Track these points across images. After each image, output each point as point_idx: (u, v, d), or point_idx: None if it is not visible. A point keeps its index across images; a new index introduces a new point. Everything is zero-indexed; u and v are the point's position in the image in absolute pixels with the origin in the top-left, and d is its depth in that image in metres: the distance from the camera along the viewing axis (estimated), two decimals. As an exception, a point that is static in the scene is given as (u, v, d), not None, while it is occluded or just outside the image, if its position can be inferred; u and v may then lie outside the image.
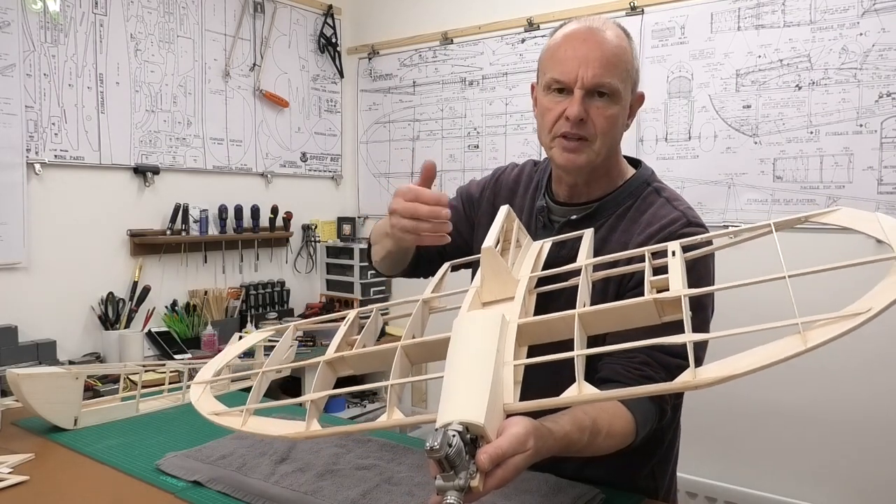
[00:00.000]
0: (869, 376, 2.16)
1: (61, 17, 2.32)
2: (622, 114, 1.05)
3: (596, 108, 1.01)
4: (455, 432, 0.62)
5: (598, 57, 1.00)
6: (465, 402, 0.66)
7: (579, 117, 1.00)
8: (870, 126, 2.14)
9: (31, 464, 1.07)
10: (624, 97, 1.03)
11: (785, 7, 2.28)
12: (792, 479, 2.31)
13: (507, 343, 0.76)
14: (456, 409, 0.66)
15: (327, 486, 0.95)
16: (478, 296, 0.90)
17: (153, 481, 1.00)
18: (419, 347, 0.84)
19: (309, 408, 0.83)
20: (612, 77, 1.00)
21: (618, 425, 0.89)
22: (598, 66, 0.99)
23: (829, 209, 0.84)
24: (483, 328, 0.77)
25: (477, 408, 0.65)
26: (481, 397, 0.67)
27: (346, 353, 0.90)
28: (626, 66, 1.03)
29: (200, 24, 2.79)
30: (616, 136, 1.06)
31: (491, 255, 0.89)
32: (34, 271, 2.29)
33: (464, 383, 0.69)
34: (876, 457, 2.16)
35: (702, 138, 2.45)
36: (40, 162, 2.28)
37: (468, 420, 0.64)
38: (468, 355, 0.74)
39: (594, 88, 1.00)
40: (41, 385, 1.19)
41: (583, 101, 1.00)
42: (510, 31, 2.93)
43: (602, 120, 1.02)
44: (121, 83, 2.51)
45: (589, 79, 1.00)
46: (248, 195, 2.99)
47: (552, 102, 1.04)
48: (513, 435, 0.68)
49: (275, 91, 3.09)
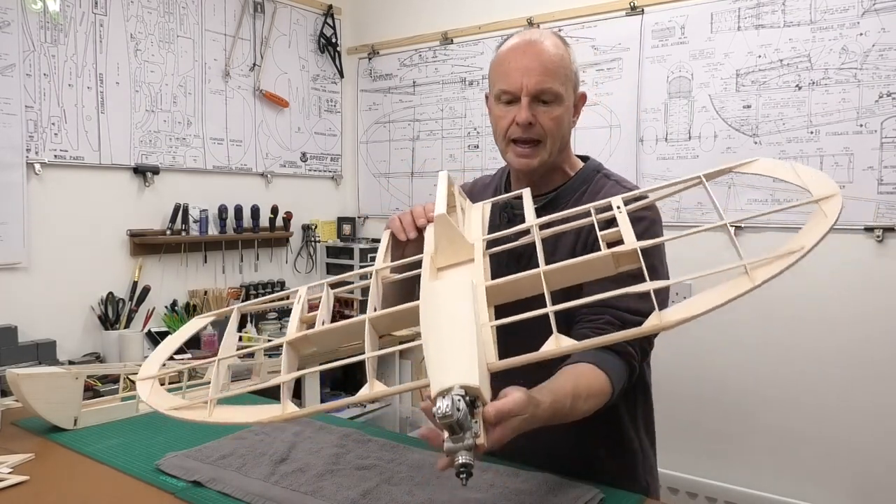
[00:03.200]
0: (869, 375, 2.16)
1: (61, 17, 2.32)
2: (567, 114, 1.15)
3: (542, 111, 1.12)
4: (459, 396, 0.66)
5: (537, 66, 1.11)
6: (459, 366, 0.70)
7: (527, 121, 1.11)
8: (870, 126, 2.14)
9: (31, 464, 1.07)
10: (566, 99, 1.14)
11: (785, 7, 2.28)
12: (790, 479, 2.31)
13: (480, 305, 0.80)
14: (451, 373, 0.69)
15: (327, 486, 0.95)
16: (433, 262, 0.92)
17: (153, 481, 1.00)
18: (386, 318, 0.86)
19: (282, 390, 0.83)
20: (553, 82, 1.11)
21: (595, 385, 0.95)
22: (539, 74, 1.11)
23: (749, 160, 0.95)
24: (456, 293, 0.81)
25: (471, 370, 0.69)
26: (472, 360, 0.70)
27: (310, 331, 0.89)
28: (565, 71, 1.14)
29: (200, 24, 2.79)
30: (564, 134, 1.17)
31: (444, 221, 0.92)
32: (34, 271, 2.29)
33: (451, 348, 0.72)
34: (876, 456, 2.16)
35: (702, 138, 2.44)
36: (40, 162, 2.28)
37: (466, 383, 0.68)
38: (448, 321, 0.76)
39: (538, 95, 1.12)
40: (41, 385, 1.19)
41: (529, 107, 1.11)
42: (510, 31, 2.92)
43: (549, 121, 1.13)
44: (121, 83, 2.51)
45: (532, 86, 1.11)
46: (248, 195, 2.99)
47: (503, 111, 1.15)
48: (516, 398, 0.75)
49: (275, 91, 3.09)
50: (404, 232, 1.08)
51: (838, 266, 2.17)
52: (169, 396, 0.94)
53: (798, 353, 2.28)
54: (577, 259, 0.81)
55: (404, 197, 3.33)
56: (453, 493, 0.92)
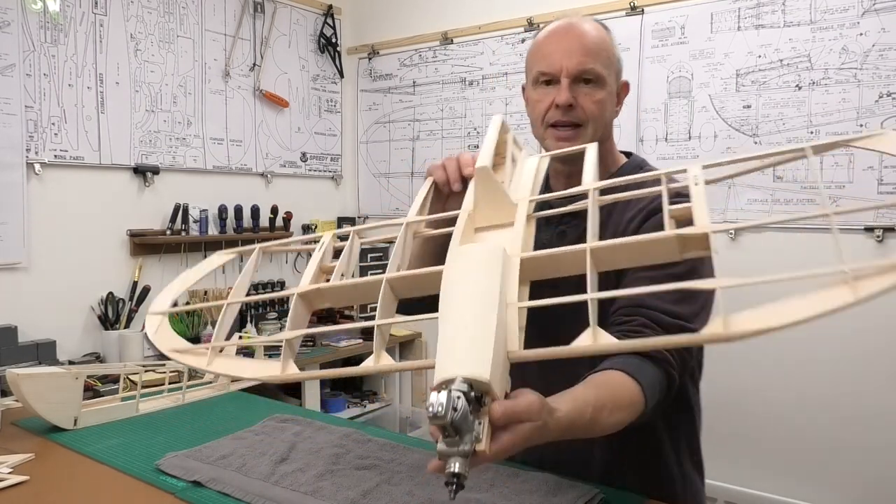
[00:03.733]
0: (869, 372, 2.16)
1: (61, 17, 2.32)
2: (610, 99, 1.08)
3: (584, 94, 1.05)
4: (460, 393, 0.56)
5: (579, 47, 1.04)
6: (468, 354, 0.59)
7: (568, 103, 1.04)
8: (870, 126, 2.14)
9: (31, 464, 1.07)
10: (609, 83, 1.07)
11: (785, 7, 2.28)
12: (791, 479, 2.31)
13: (510, 281, 0.67)
14: (458, 362, 0.59)
15: (327, 486, 0.95)
16: (470, 221, 0.82)
17: (153, 481, 1.00)
18: (407, 281, 0.75)
19: (284, 349, 0.76)
20: (595, 63, 1.05)
21: (623, 396, 0.82)
22: (581, 55, 1.04)
23: (874, 132, 0.73)
24: (483, 264, 0.68)
25: (482, 361, 0.58)
26: (485, 348, 0.59)
27: (323, 285, 0.80)
28: (608, 54, 1.07)
29: (200, 24, 2.79)
30: (607, 120, 1.09)
31: (485, 175, 0.80)
32: (34, 271, 2.29)
33: (464, 330, 0.62)
34: (876, 456, 2.16)
35: (702, 138, 2.44)
36: (40, 162, 2.28)
37: (473, 376, 0.58)
38: (467, 296, 0.65)
39: (579, 75, 1.04)
40: (41, 385, 1.19)
41: (570, 88, 1.04)
42: (510, 31, 2.93)
43: (591, 104, 1.05)
44: (121, 83, 2.51)
45: (573, 66, 1.04)
46: (248, 195, 2.99)
47: (541, 94, 1.08)
48: (530, 399, 0.64)
49: (275, 91, 3.09)
50: (448, 182, 0.96)
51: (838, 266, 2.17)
52: (174, 337, 0.87)
53: (797, 353, 2.28)
54: (633, 238, 0.66)
55: (404, 197, 3.33)
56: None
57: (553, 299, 0.65)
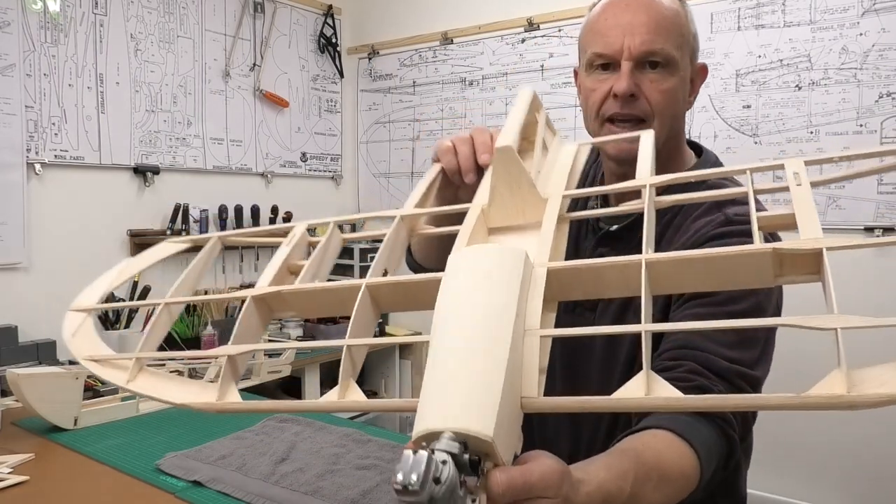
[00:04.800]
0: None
1: (61, 17, 2.32)
2: (682, 87, 0.88)
3: (649, 81, 0.85)
4: (447, 455, 0.39)
5: (645, 22, 0.84)
6: (465, 399, 0.42)
7: (629, 92, 0.84)
8: (870, 126, 2.14)
9: (31, 464, 1.07)
10: (682, 67, 0.87)
11: (785, 7, 2.28)
12: (791, 479, 2.31)
13: (532, 299, 0.50)
14: (448, 409, 0.42)
15: (327, 486, 0.95)
16: (483, 218, 0.63)
17: (153, 481, 1.00)
18: (392, 290, 0.58)
19: (223, 369, 0.58)
20: (665, 43, 0.84)
21: (673, 465, 0.63)
22: (647, 32, 0.84)
23: None
24: (496, 272, 0.50)
25: (484, 410, 0.41)
26: (491, 392, 0.42)
27: (286, 287, 0.63)
28: (681, 31, 0.87)
29: (200, 24, 2.79)
30: (677, 114, 0.89)
31: (508, 158, 0.60)
32: (34, 271, 2.29)
33: (463, 365, 0.44)
34: (876, 456, 2.16)
35: (702, 138, 2.44)
36: (40, 162, 2.28)
37: (469, 431, 0.40)
38: (471, 316, 0.47)
39: (644, 58, 0.85)
40: (41, 385, 1.19)
41: (632, 75, 0.85)
42: (510, 31, 2.93)
43: (658, 95, 0.85)
44: (121, 83, 2.51)
45: (637, 47, 0.84)
46: (248, 195, 2.99)
47: (596, 81, 0.89)
48: (546, 466, 0.47)
49: (275, 91, 3.09)
50: (460, 172, 0.77)
51: (838, 266, 2.16)
52: (96, 342, 0.70)
53: (797, 353, 2.28)
54: (710, 250, 0.49)
55: (404, 197, 3.32)
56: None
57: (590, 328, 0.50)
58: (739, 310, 0.70)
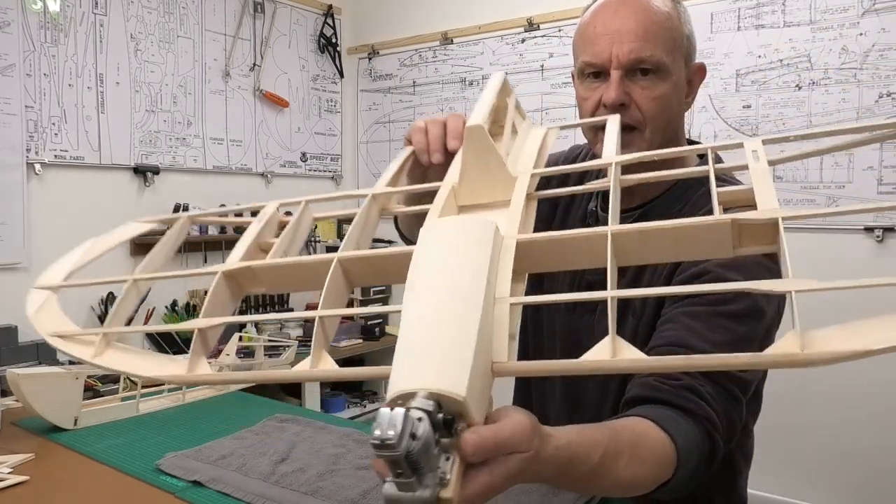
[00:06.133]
0: (870, 371, 2.16)
1: (61, 17, 2.32)
2: (675, 91, 0.87)
3: (640, 88, 0.85)
4: (422, 413, 0.40)
5: (633, 28, 0.84)
6: (438, 362, 0.44)
7: (618, 102, 0.84)
8: (870, 126, 2.14)
9: (31, 464, 1.07)
10: (674, 72, 0.86)
11: (785, 7, 2.28)
12: (790, 479, 2.31)
13: (502, 269, 0.52)
14: (422, 370, 0.43)
15: (327, 486, 0.95)
16: (453, 196, 0.65)
17: (153, 481, 1.00)
18: (364, 264, 0.59)
19: (194, 341, 0.58)
20: (655, 49, 0.84)
21: (647, 448, 0.64)
22: (636, 39, 0.84)
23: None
24: (466, 243, 0.52)
25: (456, 371, 0.43)
26: (464, 354, 0.44)
27: (256, 262, 0.64)
28: (672, 34, 0.86)
29: (200, 24, 2.79)
30: (672, 119, 0.89)
31: (479, 136, 0.62)
32: (34, 271, 2.28)
33: (436, 330, 0.46)
34: (876, 457, 2.16)
35: (702, 138, 2.44)
36: (40, 162, 2.28)
37: (442, 390, 0.42)
38: (443, 283, 0.49)
39: (634, 66, 0.85)
40: (41, 385, 1.19)
41: (621, 83, 0.85)
42: (510, 31, 2.93)
43: (649, 102, 0.85)
44: (121, 83, 2.51)
45: (625, 55, 0.84)
46: (248, 195, 2.99)
47: (588, 90, 0.89)
48: (517, 422, 0.48)
49: (275, 91, 3.09)
50: (427, 152, 0.79)
51: (838, 266, 2.17)
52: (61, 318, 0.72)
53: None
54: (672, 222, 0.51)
55: (404, 197, 3.33)
56: (453, 493, 0.92)
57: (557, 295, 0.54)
58: (733, 310, 0.70)
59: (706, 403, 0.69)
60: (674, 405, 0.69)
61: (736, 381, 0.73)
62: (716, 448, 0.70)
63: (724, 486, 0.92)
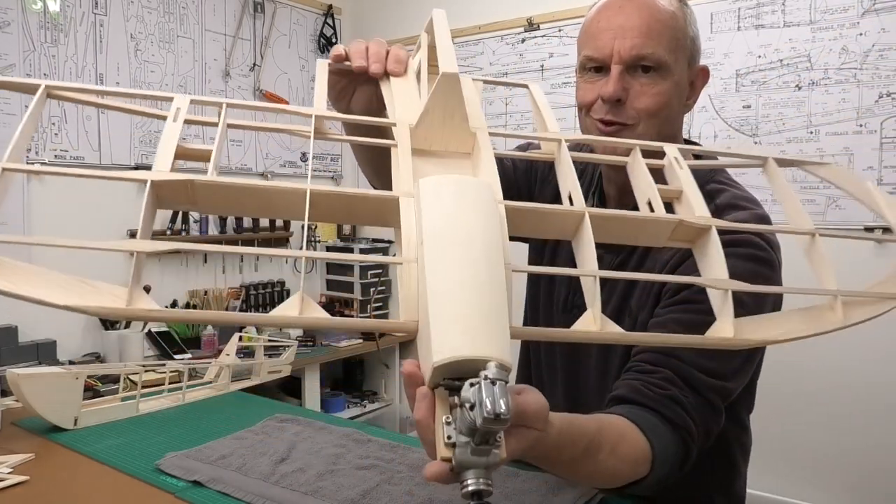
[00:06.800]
0: (870, 372, 2.16)
1: (61, 17, 2.32)
2: (675, 91, 0.88)
3: (639, 85, 0.85)
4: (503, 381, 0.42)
5: (637, 25, 0.84)
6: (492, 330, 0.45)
7: (615, 96, 0.84)
8: (870, 126, 2.14)
9: (31, 464, 1.07)
10: (676, 71, 0.87)
11: (785, 7, 2.28)
12: (791, 479, 2.31)
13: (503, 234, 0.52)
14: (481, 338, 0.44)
15: (327, 486, 0.95)
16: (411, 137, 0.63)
17: (153, 481, 1.00)
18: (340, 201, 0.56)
19: (133, 265, 0.51)
20: (657, 46, 0.84)
21: (626, 447, 0.69)
22: (638, 35, 0.84)
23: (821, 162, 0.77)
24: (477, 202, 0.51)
25: (504, 338, 0.45)
26: (503, 321, 0.46)
27: (200, 177, 0.54)
28: (676, 34, 0.86)
29: (200, 24, 2.79)
30: (669, 118, 0.89)
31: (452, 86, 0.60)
32: (34, 271, 2.29)
33: (478, 295, 0.46)
34: (875, 457, 2.16)
35: (702, 138, 2.44)
36: (40, 162, 2.28)
37: (501, 359, 0.43)
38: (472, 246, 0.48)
39: (635, 62, 0.85)
40: (41, 385, 1.19)
41: (621, 79, 0.85)
42: (510, 31, 2.93)
43: (647, 99, 0.85)
44: (121, 83, 2.51)
45: (626, 51, 0.84)
46: (248, 195, 2.99)
47: (587, 84, 0.89)
48: (541, 402, 0.53)
49: (275, 91, 3.09)
50: (366, 57, 0.77)
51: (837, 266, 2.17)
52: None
53: (796, 354, 2.28)
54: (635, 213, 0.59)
55: (404, 197, 3.33)
56: (454, 493, 0.92)
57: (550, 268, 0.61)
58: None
59: (686, 414, 0.73)
60: (657, 412, 0.73)
61: (719, 391, 0.77)
62: (689, 455, 0.75)
63: (724, 484, 0.93)
